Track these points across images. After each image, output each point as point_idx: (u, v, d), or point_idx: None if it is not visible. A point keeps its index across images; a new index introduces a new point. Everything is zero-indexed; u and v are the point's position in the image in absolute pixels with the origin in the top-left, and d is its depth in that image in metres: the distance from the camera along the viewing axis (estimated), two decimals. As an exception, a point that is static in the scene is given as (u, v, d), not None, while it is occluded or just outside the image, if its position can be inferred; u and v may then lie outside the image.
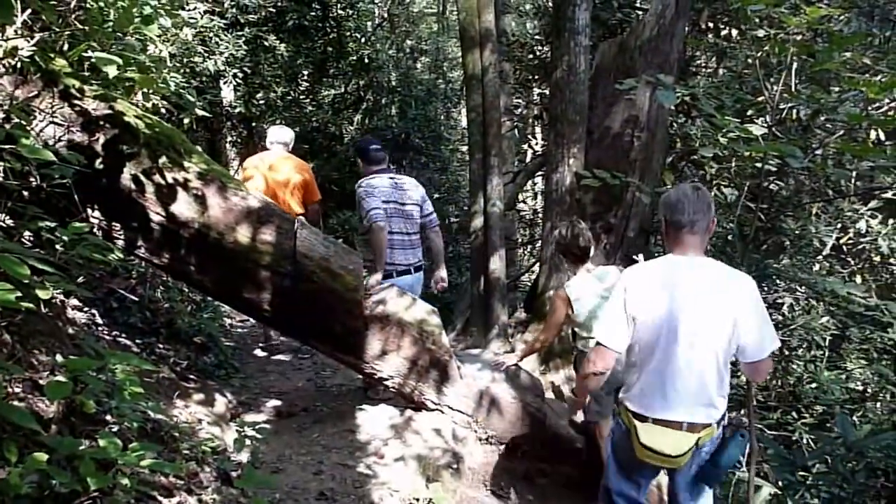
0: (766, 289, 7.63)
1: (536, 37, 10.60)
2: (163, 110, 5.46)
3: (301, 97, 13.51)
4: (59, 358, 2.47)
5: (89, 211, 3.43)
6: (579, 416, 4.67)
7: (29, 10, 2.98)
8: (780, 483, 4.38)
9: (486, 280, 7.52)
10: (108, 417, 2.85)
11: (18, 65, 2.96)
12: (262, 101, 12.32)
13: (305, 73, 13.47)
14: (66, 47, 3.50)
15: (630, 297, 2.97)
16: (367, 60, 13.00)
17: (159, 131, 3.54)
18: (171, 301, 5.62)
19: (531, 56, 10.37)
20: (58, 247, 2.73)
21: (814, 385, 7.27)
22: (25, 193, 3.02)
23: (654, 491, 4.12)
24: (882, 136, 6.48)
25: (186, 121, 8.22)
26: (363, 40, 13.36)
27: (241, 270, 3.78)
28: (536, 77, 10.62)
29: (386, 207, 4.90)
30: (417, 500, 3.71)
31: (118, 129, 3.35)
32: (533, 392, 4.67)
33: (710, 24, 8.49)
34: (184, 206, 3.54)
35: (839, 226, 7.72)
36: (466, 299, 8.65)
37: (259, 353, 6.49)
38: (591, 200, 6.26)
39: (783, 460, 4.44)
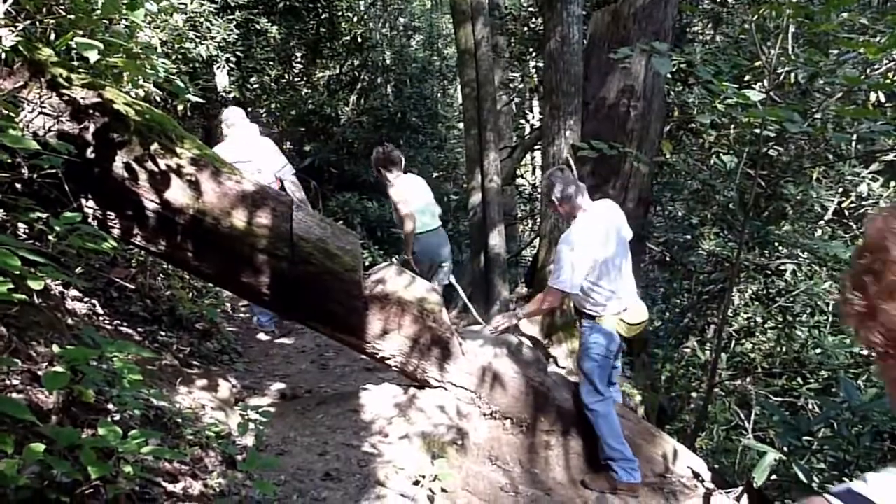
0: (768, 255, 7.62)
1: (530, 9, 10.51)
2: (157, 98, 5.43)
3: (295, 79, 13.44)
4: (56, 348, 2.46)
5: (83, 200, 3.41)
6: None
7: (11, 0, 2.94)
8: (785, 448, 4.38)
9: (485, 256, 7.51)
10: (110, 406, 2.85)
11: (3, 55, 2.93)
12: (256, 85, 12.25)
13: (299, 54, 13.39)
14: (52, 37, 3.47)
15: (590, 248, 4.25)
16: (360, 40, 12.92)
17: (150, 118, 3.51)
18: (172, 288, 5.62)
19: (525, 29, 10.29)
20: (51, 237, 2.71)
21: (818, 350, 7.27)
22: (18, 185, 3.00)
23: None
24: (882, 98, 6.42)
25: (180, 107, 8.17)
26: (356, 19, 13.25)
27: (238, 255, 3.76)
28: (531, 50, 10.54)
29: None
30: (423, 476, 3.72)
31: (108, 118, 3.32)
32: (535, 366, 4.67)
33: (705, -10, 8.41)
34: (178, 193, 3.52)
35: (840, 190, 7.69)
36: (467, 276, 8.65)
37: (262, 336, 6.50)
38: (589, 172, 6.23)
39: (788, 426, 4.43)
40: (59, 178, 3.02)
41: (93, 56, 2.75)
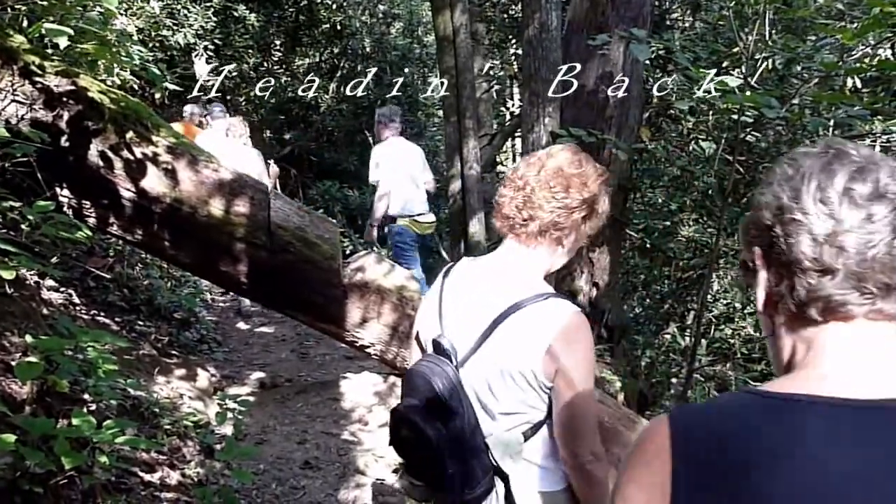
0: (746, 241, 7.66)
1: (509, -4, 10.48)
2: (134, 86, 5.37)
3: (274, 67, 13.33)
4: (29, 338, 2.44)
5: (58, 189, 3.37)
6: None
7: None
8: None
9: (465, 244, 7.50)
10: (86, 396, 2.83)
11: (-28, 42, 2.88)
12: (235, 74, 12.13)
13: (278, 42, 13.27)
14: (25, 23, 3.42)
15: (384, 162, 6.17)
16: (339, 27, 12.82)
17: (125, 106, 3.47)
18: (150, 278, 5.58)
19: (504, 15, 10.26)
20: (24, 227, 2.68)
21: (796, 335, 7.32)
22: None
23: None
24: (858, 84, 6.45)
25: (158, 95, 8.09)
26: (335, 7, 13.15)
27: (216, 244, 3.73)
28: (510, 37, 10.52)
29: None
30: (402, 464, 3.72)
31: (82, 106, 3.29)
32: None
33: (684, -23, 8.41)
34: (154, 181, 3.49)
35: (818, 175, 7.72)
36: (447, 263, 8.64)
37: (242, 325, 6.47)
38: (569, 159, 6.22)
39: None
40: (32, 167, 2.99)
41: (63, 42, 2.71)
